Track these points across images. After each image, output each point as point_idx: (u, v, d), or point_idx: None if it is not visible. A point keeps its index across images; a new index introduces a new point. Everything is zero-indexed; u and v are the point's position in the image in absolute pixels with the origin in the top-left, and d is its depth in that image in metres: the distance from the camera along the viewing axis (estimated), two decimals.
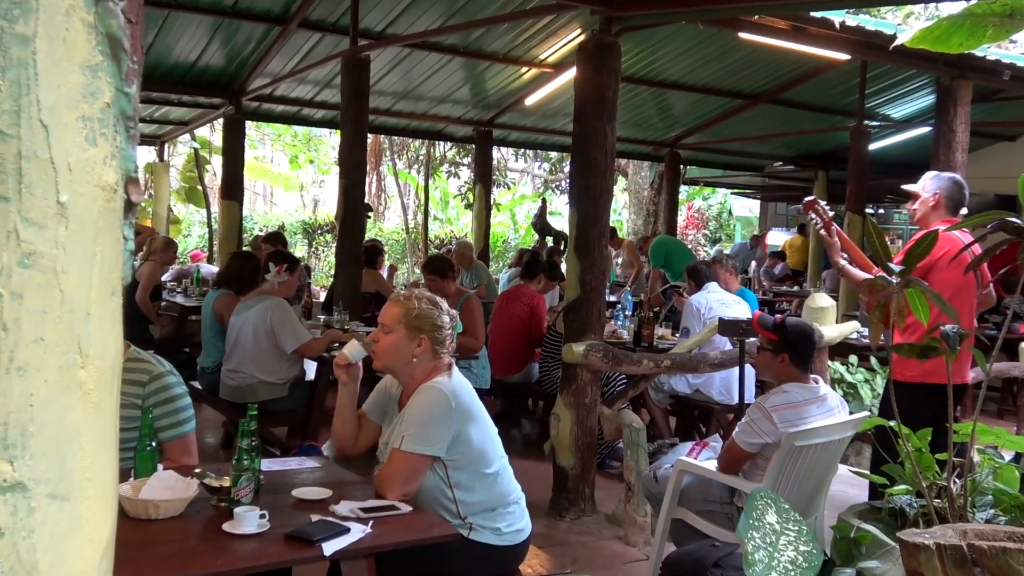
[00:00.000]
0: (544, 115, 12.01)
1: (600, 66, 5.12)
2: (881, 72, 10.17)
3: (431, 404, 2.99)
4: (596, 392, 5.34)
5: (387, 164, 22.53)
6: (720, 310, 6.36)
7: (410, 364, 3.08)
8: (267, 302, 5.54)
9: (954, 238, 4.29)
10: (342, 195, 7.93)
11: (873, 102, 11.37)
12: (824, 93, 11.24)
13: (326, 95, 10.74)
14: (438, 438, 2.97)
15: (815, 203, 4.44)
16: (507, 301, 7.30)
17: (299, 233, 22.34)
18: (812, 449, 3.73)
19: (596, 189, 5.19)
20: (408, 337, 3.06)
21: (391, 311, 3.09)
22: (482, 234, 12.38)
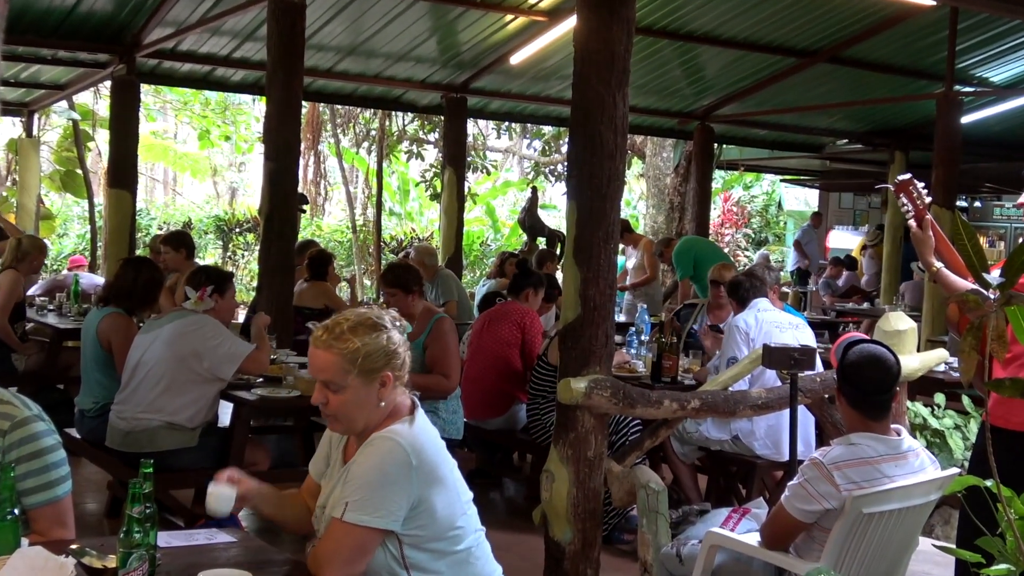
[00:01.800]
0: (535, 78, 12.06)
1: (608, 14, 5.14)
2: (977, 22, 10.27)
3: (384, 461, 2.99)
4: (602, 443, 5.34)
5: (328, 142, 22.53)
6: (774, 335, 6.38)
7: (375, 411, 3.09)
8: (187, 319, 5.55)
9: None
10: (268, 183, 7.92)
11: (966, 62, 11.47)
12: (903, 50, 11.33)
13: (248, 50, 10.75)
14: (392, 506, 2.96)
15: (910, 184, 4.45)
16: (489, 323, 7.32)
17: (211, 232, 22.33)
18: (884, 517, 3.75)
19: (602, 176, 5.19)
20: (366, 384, 3.05)
21: (328, 362, 3.04)
22: (453, 234, 12.41)
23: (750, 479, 6.56)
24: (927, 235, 4.45)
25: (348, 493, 2.98)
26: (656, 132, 15.64)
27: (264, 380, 5.98)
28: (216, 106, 22.44)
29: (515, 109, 13.85)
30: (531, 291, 7.45)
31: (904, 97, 12.71)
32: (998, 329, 2.81)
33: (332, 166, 23.97)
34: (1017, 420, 4.33)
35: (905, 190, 4.45)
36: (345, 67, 11.45)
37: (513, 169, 28.81)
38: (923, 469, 3.90)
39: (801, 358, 5.11)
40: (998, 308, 2.78)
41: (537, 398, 6.73)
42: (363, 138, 21.38)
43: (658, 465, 7.24)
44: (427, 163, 21.58)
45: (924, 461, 3.94)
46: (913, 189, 4.44)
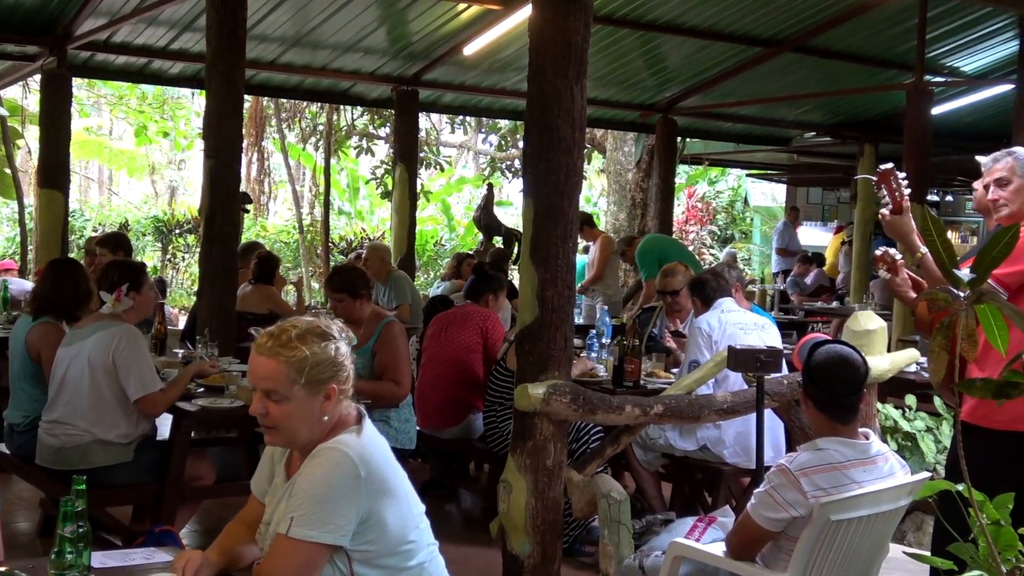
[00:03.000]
0: (489, 69, 12.06)
1: (564, 3, 5.14)
2: (947, 10, 10.39)
3: (331, 474, 2.97)
4: (562, 451, 5.34)
5: (273, 137, 22.42)
6: (738, 336, 6.41)
7: (319, 424, 3.07)
8: (111, 329, 5.48)
9: None
10: (208, 181, 7.87)
11: (936, 51, 11.60)
12: (871, 39, 11.45)
13: (186, 41, 10.68)
14: (340, 520, 2.95)
15: (892, 174, 4.47)
16: (446, 328, 7.29)
17: (149, 234, 22.16)
18: (853, 525, 3.78)
19: (559, 172, 5.20)
20: (310, 395, 3.03)
21: (272, 370, 3.01)
22: (405, 233, 12.39)
23: (716, 487, 6.58)
24: (907, 218, 4.47)
25: (293, 507, 2.96)
26: (617, 126, 15.69)
27: (205, 390, 5.93)
28: (154, 100, 22.28)
29: (469, 102, 13.84)
30: (491, 296, 7.42)
31: (873, 87, 12.83)
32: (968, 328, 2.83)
33: (277, 163, 23.84)
34: (1000, 419, 4.37)
35: (886, 180, 4.47)
36: (290, 59, 11.40)
37: (469, 165, 28.80)
38: (892, 474, 3.94)
39: (767, 360, 5.13)
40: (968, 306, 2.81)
41: (494, 405, 6.73)
42: (310, 133, 21.28)
43: (621, 473, 7.26)
44: (378, 159, 21.54)
45: (894, 466, 3.97)
46: (894, 180, 4.47)
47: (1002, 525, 2.92)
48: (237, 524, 3.34)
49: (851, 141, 15.35)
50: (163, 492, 5.62)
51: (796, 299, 15.70)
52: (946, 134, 13.70)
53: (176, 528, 5.64)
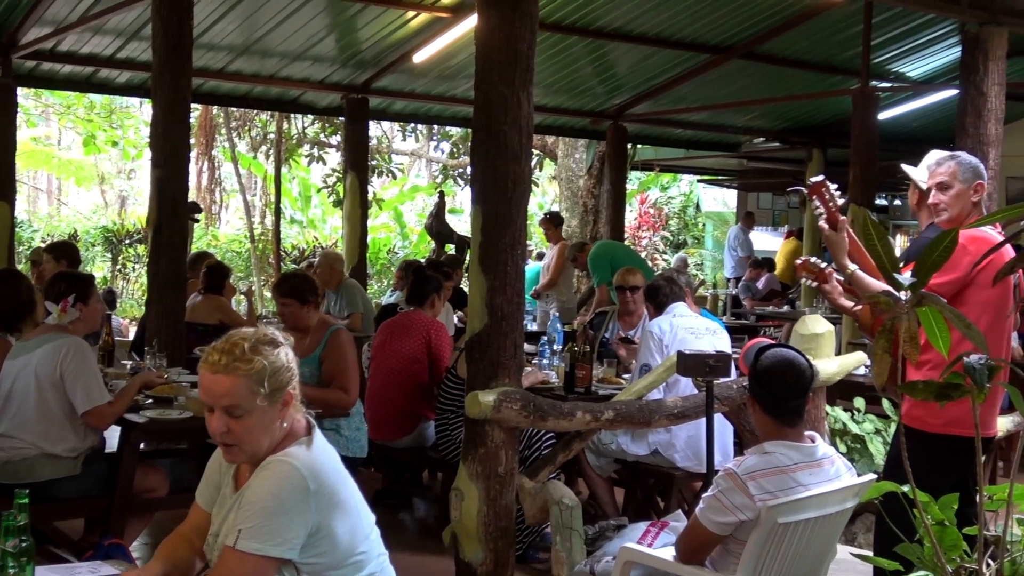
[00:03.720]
0: (440, 77, 12.07)
1: (510, 11, 5.16)
2: (891, 17, 10.50)
3: (280, 487, 2.96)
4: (513, 458, 5.35)
5: (223, 146, 22.29)
6: (689, 341, 6.44)
7: (277, 432, 3.06)
8: (57, 342, 5.42)
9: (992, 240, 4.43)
10: (156, 191, 7.82)
11: (882, 57, 11.73)
12: (817, 45, 11.55)
13: (133, 50, 10.60)
14: (288, 534, 2.93)
15: (823, 186, 4.53)
16: (391, 335, 7.26)
17: (99, 244, 21.94)
18: (801, 527, 3.80)
19: (507, 179, 5.21)
20: (271, 405, 3.01)
21: (230, 386, 2.97)
22: (357, 242, 12.36)
23: (668, 491, 6.61)
24: (840, 236, 4.53)
25: (242, 520, 2.95)
26: (568, 132, 15.74)
27: (154, 401, 5.88)
28: (102, 109, 22.08)
29: (420, 110, 13.84)
30: (435, 297, 7.42)
31: (820, 93, 12.95)
32: (910, 331, 2.87)
33: (228, 172, 23.71)
34: (935, 422, 4.43)
35: (818, 192, 4.53)
36: (238, 67, 11.34)
37: (421, 173, 28.77)
38: (839, 476, 3.97)
39: (716, 365, 5.18)
40: (910, 309, 2.84)
41: (446, 413, 6.71)
42: (260, 142, 21.16)
43: (573, 479, 7.27)
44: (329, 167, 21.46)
45: (840, 468, 4.01)
46: (826, 191, 4.52)
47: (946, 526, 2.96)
48: (175, 538, 3.30)
49: (799, 146, 15.49)
50: (111, 504, 5.57)
51: (748, 303, 15.78)
52: (894, 139, 13.85)
53: (128, 541, 5.59)
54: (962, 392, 2.76)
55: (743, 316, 14.88)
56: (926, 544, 2.92)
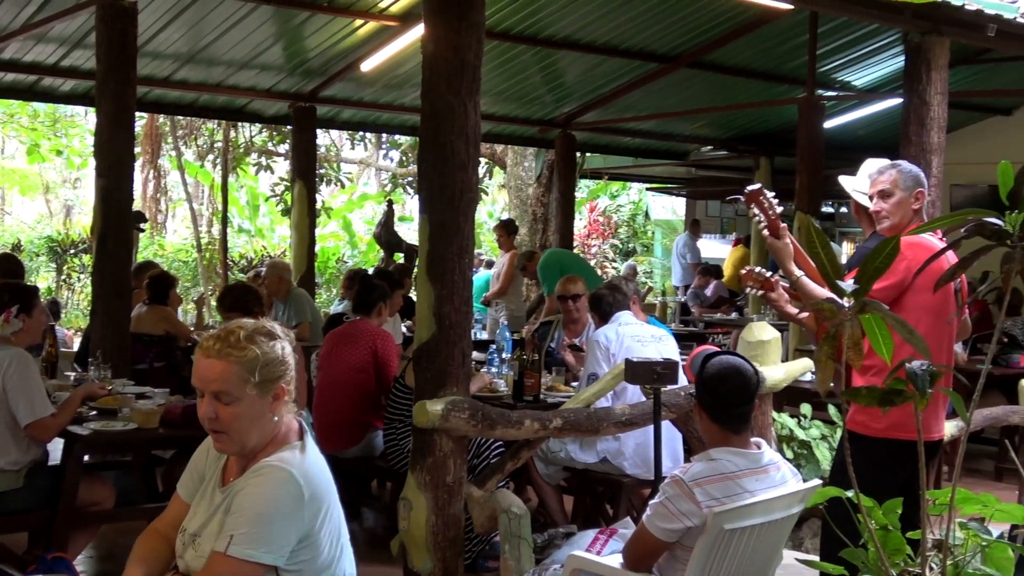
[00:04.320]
0: (388, 85, 12.04)
1: (456, 20, 5.17)
2: (836, 26, 10.62)
3: (277, 494, 2.95)
4: (462, 467, 5.35)
5: (169, 155, 22.13)
6: (636, 349, 6.47)
7: (268, 426, 3.06)
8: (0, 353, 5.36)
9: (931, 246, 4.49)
10: (100, 200, 7.76)
11: (827, 66, 11.85)
12: (763, 54, 11.65)
13: (77, 58, 10.51)
14: (281, 541, 2.94)
15: (760, 194, 4.55)
16: (337, 345, 7.23)
17: (43, 254, 21.69)
18: (747, 533, 3.83)
19: (454, 188, 5.22)
20: (261, 395, 3.01)
21: (221, 371, 2.98)
22: (305, 251, 12.30)
23: (617, 499, 6.63)
24: (784, 243, 4.56)
25: (234, 525, 2.94)
26: (516, 141, 15.77)
27: (98, 413, 5.82)
28: (46, 118, 21.88)
29: (368, 119, 13.81)
30: (382, 306, 7.40)
31: (766, 102, 13.04)
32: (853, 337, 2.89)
33: (174, 181, 23.53)
34: (875, 427, 4.47)
35: (755, 200, 4.55)
36: (184, 75, 11.27)
37: (370, 181, 28.68)
38: (784, 482, 4.00)
39: (664, 372, 5.20)
40: (853, 316, 2.87)
41: (394, 422, 6.69)
42: (207, 151, 21.04)
43: (523, 487, 7.27)
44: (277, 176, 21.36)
45: (785, 474, 4.04)
46: (764, 199, 4.54)
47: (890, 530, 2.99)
48: (151, 535, 3.29)
49: (747, 154, 15.59)
50: (56, 518, 5.50)
51: (696, 311, 15.86)
52: (839, 147, 13.98)
53: (72, 555, 5.54)
54: (904, 398, 2.78)
55: (692, 323, 14.96)
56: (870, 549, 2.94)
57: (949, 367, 4.67)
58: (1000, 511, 2.93)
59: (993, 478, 9.09)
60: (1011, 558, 2.85)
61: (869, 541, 2.91)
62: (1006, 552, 2.86)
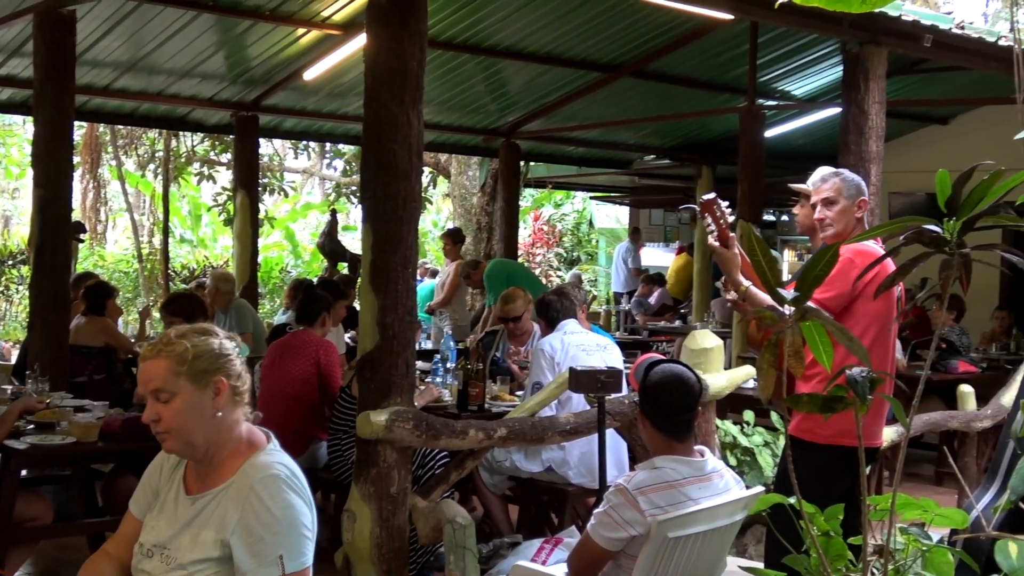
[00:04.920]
0: (331, 94, 12.00)
1: (399, 29, 5.17)
2: (776, 36, 10.71)
3: (287, 496, 2.97)
4: (406, 478, 5.33)
5: (110, 165, 21.90)
6: (581, 358, 6.48)
7: (213, 424, 3.02)
8: None
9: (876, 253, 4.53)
10: (37, 210, 7.67)
11: (767, 75, 11.95)
12: (705, 64, 11.73)
13: (14, 67, 10.38)
14: (310, 535, 3.02)
15: (715, 203, 4.58)
16: (279, 355, 7.17)
17: None
18: (691, 541, 3.84)
19: (398, 197, 5.21)
20: (198, 389, 3.00)
21: (156, 369, 3.00)
22: (247, 261, 12.21)
23: (562, 508, 6.64)
24: (732, 253, 4.59)
25: (273, 546, 2.93)
26: (460, 150, 15.77)
27: (36, 427, 5.74)
28: None
29: (311, 128, 13.74)
30: (325, 316, 7.36)
31: (708, 111, 13.14)
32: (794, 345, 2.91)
33: (115, 191, 23.29)
34: (824, 433, 4.51)
35: (709, 209, 4.58)
36: (124, 84, 11.15)
37: (314, 191, 28.57)
38: (728, 490, 4.02)
39: (608, 380, 5.21)
40: (794, 324, 2.88)
41: (339, 433, 6.65)
42: (149, 160, 20.85)
43: (468, 497, 7.26)
44: (220, 186, 21.24)
45: (729, 482, 4.06)
46: (717, 208, 4.57)
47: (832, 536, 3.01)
48: (100, 558, 3.24)
49: (689, 163, 15.67)
50: None
51: (640, 319, 15.93)
52: (781, 155, 14.12)
53: (10, 571, 5.46)
54: (845, 404, 2.80)
55: (636, 331, 15.03)
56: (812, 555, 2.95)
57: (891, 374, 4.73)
58: (940, 516, 2.95)
59: (933, 482, 9.21)
60: (951, 562, 2.88)
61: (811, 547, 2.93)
62: (946, 556, 2.88)
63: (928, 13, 8.68)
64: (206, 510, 3.01)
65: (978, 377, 9.76)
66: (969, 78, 12.04)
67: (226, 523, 2.96)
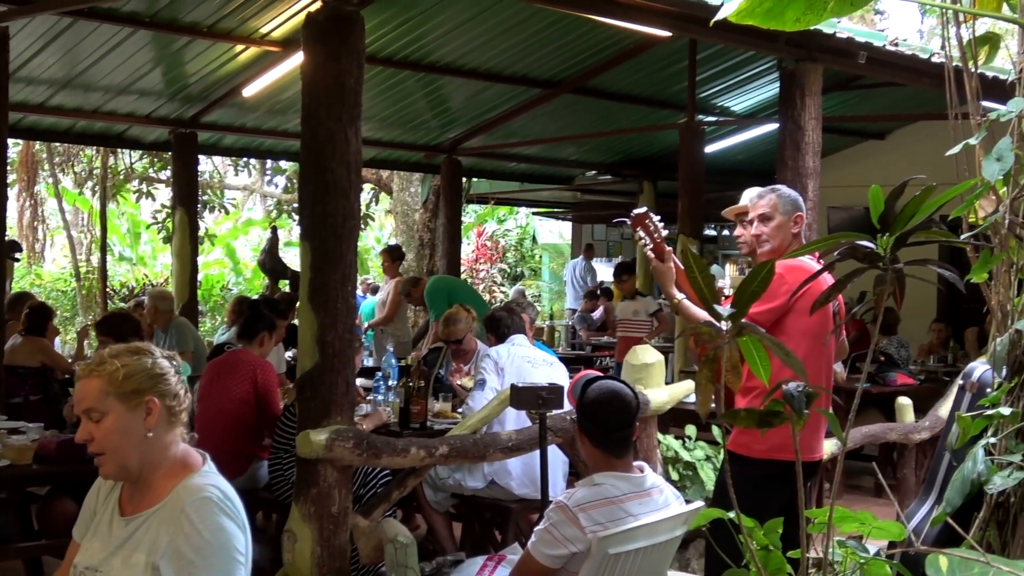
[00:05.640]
0: (271, 111, 11.95)
1: (337, 46, 5.17)
2: (714, 53, 10.81)
3: (223, 523, 2.93)
4: (347, 497, 5.31)
5: (46, 182, 21.64)
6: (526, 370, 6.49)
7: (145, 445, 2.99)
8: None
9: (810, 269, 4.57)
10: None
11: (707, 91, 12.06)
12: (645, 80, 11.81)
13: None
14: (241, 557, 2.96)
15: (646, 217, 4.60)
16: (217, 375, 7.10)
17: None
18: (631, 556, 3.85)
19: (336, 215, 5.20)
20: (129, 409, 2.96)
21: (88, 389, 2.98)
22: (187, 279, 12.10)
23: (505, 524, 6.63)
24: (668, 267, 4.62)
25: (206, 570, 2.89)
26: (402, 166, 15.75)
27: None
28: None
29: (251, 144, 13.68)
30: (266, 335, 7.30)
31: (648, 127, 13.21)
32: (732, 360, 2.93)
33: (52, 209, 23.01)
34: (760, 448, 4.54)
35: (641, 223, 4.60)
36: (60, 101, 11.03)
37: (256, 207, 28.38)
38: (668, 505, 4.04)
39: (549, 397, 5.21)
40: (731, 339, 2.90)
41: (280, 452, 6.60)
42: (86, 177, 20.63)
43: (412, 515, 7.24)
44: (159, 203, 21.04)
45: (668, 497, 4.07)
46: (649, 222, 4.59)
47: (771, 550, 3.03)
48: None
49: (631, 179, 15.76)
50: None
51: (584, 335, 15.97)
52: (720, 171, 14.25)
53: None
54: (782, 419, 2.82)
55: (579, 347, 15.06)
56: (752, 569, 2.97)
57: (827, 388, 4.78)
58: (877, 528, 2.98)
59: (873, 494, 9.30)
60: (889, 574, 2.90)
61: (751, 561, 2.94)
62: (883, 569, 2.91)
63: (863, 31, 8.79)
64: (138, 532, 2.98)
65: (916, 389, 9.90)
66: (904, 94, 12.23)
67: (157, 546, 2.92)
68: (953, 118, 3.32)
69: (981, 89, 3.27)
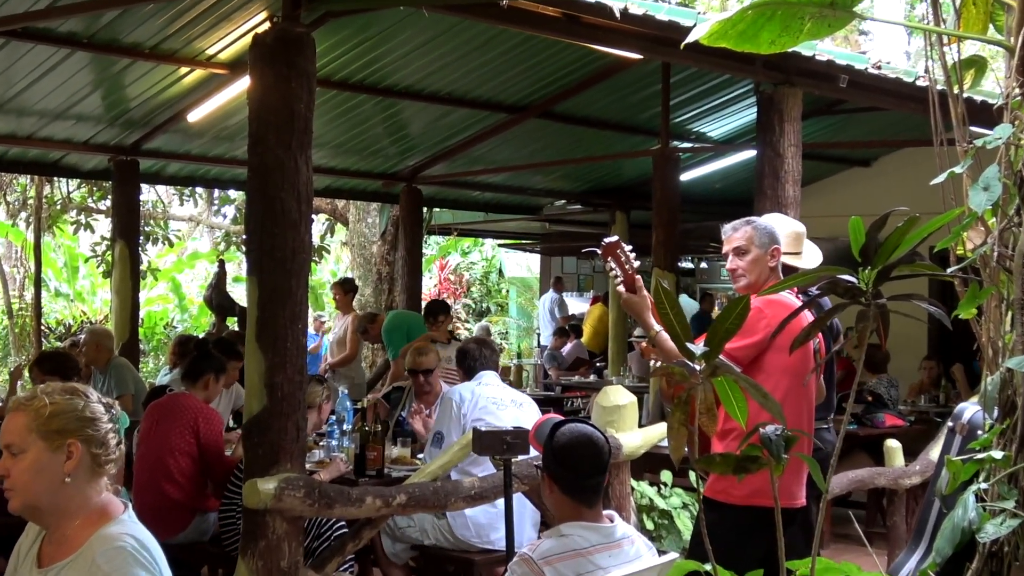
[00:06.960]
0: (218, 137, 11.92)
1: (285, 69, 5.17)
2: (689, 76, 10.87)
3: (136, 574, 2.93)
4: (297, 550, 5.27)
5: None
6: (491, 410, 6.47)
7: (62, 489, 2.99)
8: None
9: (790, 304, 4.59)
10: None
11: (681, 116, 12.12)
12: (616, 104, 11.86)
13: None
14: None
15: (617, 247, 4.60)
16: (157, 421, 7.01)
17: None
18: None
19: (285, 248, 5.18)
20: (50, 450, 2.98)
21: (13, 424, 3.02)
22: (127, 316, 12.01)
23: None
24: (640, 297, 4.61)
25: None
26: (359, 196, 15.73)
27: None
28: None
29: (196, 172, 13.62)
30: (211, 377, 7.23)
31: (620, 154, 13.24)
32: (707, 402, 2.92)
33: None
34: (739, 494, 4.53)
35: (612, 253, 4.60)
36: None
37: (202, 239, 28.29)
38: (639, 556, 4.01)
39: (514, 442, 5.17)
40: (704, 380, 2.90)
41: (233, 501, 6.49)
42: (20, 208, 20.52)
43: (368, 568, 7.18)
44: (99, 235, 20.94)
45: (640, 548, 4.05)
46: (621, 252, 4.59)
47: None
48: None
49: (602, 208, 15.75)
50: None
51: (553, 374, 15.94)
52: (699, 200, 14.31)
53: None
54: (760, 464, 2.82)
55: (549, 387, 15.03)
56: None
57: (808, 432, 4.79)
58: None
59: (862, 543, 9.29)
60: None
61: None
62: None
63: (844, 53, 8.87)
64: None
65: (906, 431, 9.91)
66: (890, 119, 12.32)
67: None
68: (938, 145, 3.33)
69: (968, 114, 3.29)
